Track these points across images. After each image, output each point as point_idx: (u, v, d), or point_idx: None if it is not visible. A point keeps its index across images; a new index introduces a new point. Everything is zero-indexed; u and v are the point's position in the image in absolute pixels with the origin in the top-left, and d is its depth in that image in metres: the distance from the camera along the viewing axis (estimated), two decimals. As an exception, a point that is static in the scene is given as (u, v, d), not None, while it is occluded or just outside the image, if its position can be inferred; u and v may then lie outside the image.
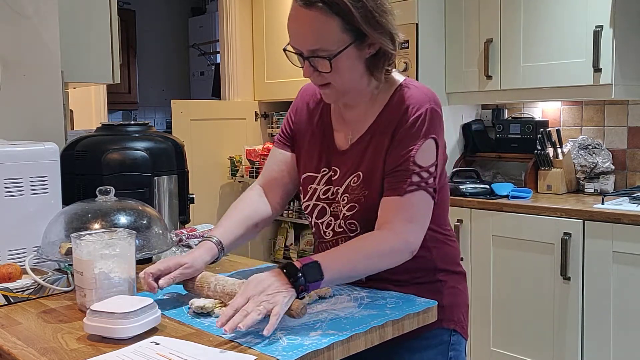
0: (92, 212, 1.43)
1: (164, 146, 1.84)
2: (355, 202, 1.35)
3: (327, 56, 1.25)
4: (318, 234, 1.45)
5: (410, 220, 1.28)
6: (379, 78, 1.34)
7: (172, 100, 3.90)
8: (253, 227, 1.47)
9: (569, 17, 2.81)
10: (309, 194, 1.44)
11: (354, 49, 1.26)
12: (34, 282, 1.35)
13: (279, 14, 3.96)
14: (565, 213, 2.62)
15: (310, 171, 1.44)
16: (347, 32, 1.24)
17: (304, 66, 1.30)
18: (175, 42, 6.51)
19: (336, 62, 1.25)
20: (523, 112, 3.42)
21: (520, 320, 2.81)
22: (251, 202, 1.49)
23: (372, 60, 1.30)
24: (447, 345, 1.40)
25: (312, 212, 1.44)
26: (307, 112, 1.49)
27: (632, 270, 2.45)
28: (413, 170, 1.28)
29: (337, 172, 1.39)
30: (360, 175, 1.34)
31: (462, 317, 1.45)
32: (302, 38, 1.26)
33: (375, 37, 1.26)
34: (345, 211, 1.37)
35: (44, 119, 1.96)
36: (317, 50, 1.25)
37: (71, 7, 2.33)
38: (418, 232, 1.29)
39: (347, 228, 1.38)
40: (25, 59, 1.92)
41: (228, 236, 1.41)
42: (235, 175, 4.00)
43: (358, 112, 1.38)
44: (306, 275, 1.15)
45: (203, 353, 1.01)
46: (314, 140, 1.45)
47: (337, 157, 1.40)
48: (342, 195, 1.37)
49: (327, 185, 1.41)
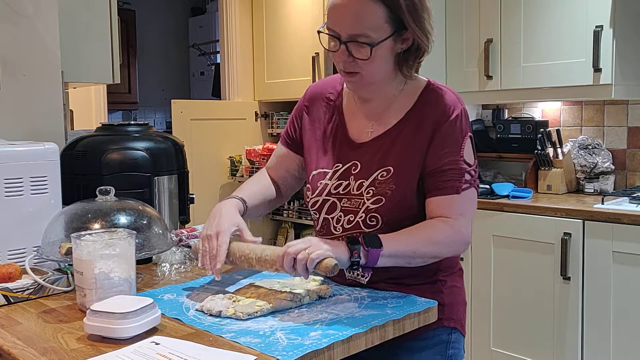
0: (92, 212, 1.43)
1: (164, 146, 1.84)
2: (382, 196, 1.34)
3: (369, 43, 1.26)
4: (326, 230, 1.42)
5: (464, 215, 1.33)
6: (406, 74, 1.35)
7: (172, 100, 3.90)
8: (268, 203, 1.53)
9: (569, 17, 2.81)
10: (319, 189, 1.43)
11: (391, 40, 1.29)
12: (34, 282, 1.35)
13: (279, 14, 3.96)
14: (566, 213, 2.62)
15: (321, 167, 1.44)
16: (390, 22, 1.26)
17: (338, 50, 1.29)
18: (175, 42, 6.51)
19: (375, 50, 1.27)
20: (523, 112, 3.42)
21: (520, 320, 2.80)
22: (265, 180, 1.56)
23: (404, 55, 1.33)
24: (446, 344, 1.40)
25: (322, 207, 1.42)
26: (314, 112, 1.49)
27: (632, 270, 2.45)
28: (465, 169, 1.32)
29: (357, 165, 1.38)
30: (391, 170, 1.34)
31: (461, 314, 1.45)
32: (345, 21, 1.27)
33: (414, 31, 1.28)
34: (369, 204, 1.35)
35: (44, 119, 1.96)
36: (359, 35, 1.26)
37: (71, 7, 2.33)
38: (470, 226, 1.35)
39: (366, 222, 1.36)
40: (25, 59, 1.92)
41: (251, 199, 1.46)
42: (235, 175, 4.00)
43: (380, 105, 1.39)
44: (366, 242, 1.21)
45: (203, 353, 1.01)
46: (326, 137, 1.45)
47: (354, 151, 1.40)
48: (367, 188, 1.36)
49: (339, 180, 1.40)
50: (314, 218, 1.47)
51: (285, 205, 4.06)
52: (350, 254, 1.20)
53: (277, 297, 1.23)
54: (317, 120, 1.48)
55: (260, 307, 1.19)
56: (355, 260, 1.20)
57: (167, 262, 1.58)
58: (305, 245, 1.19)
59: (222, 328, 1.12)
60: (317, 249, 1.17)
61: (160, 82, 6.43)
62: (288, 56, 3.97)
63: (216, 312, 1.19)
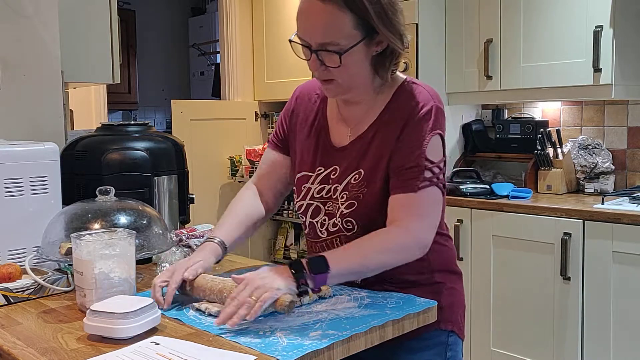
0: (92, 212, 1.43)
1: (164, 146, 1.84)
2: (354, 200, 1.34)
3: (338, 51, 1.24)
4: (313, 233, 1.43)
5: (422, 217, 1.28)
6: (383, 76, 1.33)
7: (172, 100, 3.90)
8: (252, 226, 1.49)
9: (569, 17, 2.81)
10: (303, 193, 1.43)
11: (363, 45, 1.26)
12: (34, 282, 1.35)
13: (279, 14, 3.96)
14: (565, 213, 2.62)
15: (305, 170, 1.43)
16: (359, 28, 1.24)
17: (310, 59, 1.29)
18: (175, 42, 6.51)
19: (345, 57, 1.25)
20: (523, 112, 3.42)
21: (520, 320, 2.81)
22: (249, 202, 1.51)
23: (379, 58, 1.31)
24: (444, 347, 1.40)
25: (307, 211, 1.43)
26: (302, 113, 1.48)
27: (632, 270, 2.45)
28: (425, 166, 1.28)
29: (336, 170, 1.38)
30: (362, 173, 1.33)
31: (460, 318, 1.45)
32: (313, 30, 1.26)
33: (385, 35, 1.26)
34: (343, 209, 1.35)
35: (44, 119, 1.96)
36: (328, 44, 1.25)
37: (71, 7, 2.33)
38: (430, 228, 1.30)
39: (344, 226, 1.36)
40: (25, 59, 1.92)
41: (230, 236, 1.42)
42: (235, 175, 4.00)
43: (358, 109, 1.38)
44: (311, 267, 1.16)
45: (203, 353, 1.01)
46: (310, 140, 1.44)
47: (335, 155, 1.39)
48: (341, 193, 1.36)
49: (321, 184, 1.40)
50: (302, 221, 1.47)
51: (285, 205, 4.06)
52: (297, 284, 1.16)
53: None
54: (303, 122, 1.47)
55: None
56: (302, 289, 1.17)
57: (167, 262, 1.58)
58: (249, 290, 1.13)
59: (222, 328, 1.12)
60: (263, 292, 1.12)
61: (160, 82, 6.43)
62: (288, 56, 3.97)
63: (215, 312, 1.19)
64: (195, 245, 1.67)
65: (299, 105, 1.50)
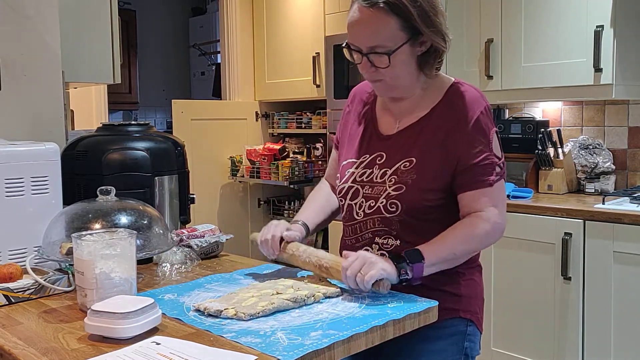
0: (93, 212, 1.43)
1: (165, 146, 1.84)
2: (403, 184, 1.42)
3: (386, 52, 1.36)
4: (349, 216, 1.51)
5: (497, 206, 1.41)
6: (428, 74, 1.45)
7: (173, 101, 3.90)
8: (333, 212, 1.64)
9: (570, 17, 2.81)
10: (346, 177, 1.52)
11: (408, 46, 1.38)
12: (35, 282, 1.35)
13: (280, 14, 3.96)
14: (566, 213, 2.62)
15: (351, 157, 1.54)
16: (404, 30, 1.36)
17: (361, 62, 1.41)
18: (175, 42, 6.51)
19: (393, 57, 1.37)
20: (524, 112, 3.42)
21: (520, 320, 2.80)
22: (327, 190, 1.67)
23: (423, 57, 1.42)
24: (462, 336, 1.44)
25: (347, 193, 1.51)
26: (354, 110, 1.60)
27: (632, 270, 2.45)
28: (496, 162, 1.41)
29: (382, 156, 1.48)
30: (413, 161, 1.42)
31: (478, 309, 1.49)
32: (363, 36, 1.38)
33: (428, 36, 1.37)
34: (391, 191, 1.43)
35: (44, 119, 1.96)
36: (376, 47, 1.37)
37: (72, 8, 2.33)
38: (504, 215, 1.44)
39: (387, 208, 1.43)
40: (25, 59, 1.92)
41: (312, 219, 1.58)
42: (236, 175, 4.01)
43: (406, 104, 1.48)
44: (408, 258, 1.31)
45: (203, 353, 1.01)
46: (359, 129, 1.56)
47: (382, 143, 1.49)
48: (390, 177, 1.44)
49: (364, 168, 1.49)
50: (340, 205, 1.56)
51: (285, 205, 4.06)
52: (398, 272, 1.30)
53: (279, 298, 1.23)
54: (354, 118, 1.59)
55: (262, 308, 1.18)
56: (404, 278, 1.30)
57: (167, 262, 1.58)
58: (359, 265, 1.28)
59: (223, 328, 1.12)
60: (370, 270, 1.26)
61: (161, 82, 6.44)
62: (288, 56, 3.98)
63: (215, 311, 1.19)
64: (196, 245, 1.68)
65: (351, 105, 1.63)
